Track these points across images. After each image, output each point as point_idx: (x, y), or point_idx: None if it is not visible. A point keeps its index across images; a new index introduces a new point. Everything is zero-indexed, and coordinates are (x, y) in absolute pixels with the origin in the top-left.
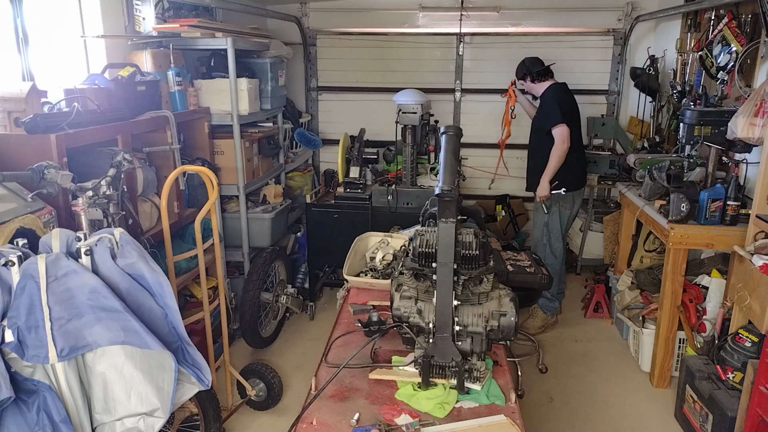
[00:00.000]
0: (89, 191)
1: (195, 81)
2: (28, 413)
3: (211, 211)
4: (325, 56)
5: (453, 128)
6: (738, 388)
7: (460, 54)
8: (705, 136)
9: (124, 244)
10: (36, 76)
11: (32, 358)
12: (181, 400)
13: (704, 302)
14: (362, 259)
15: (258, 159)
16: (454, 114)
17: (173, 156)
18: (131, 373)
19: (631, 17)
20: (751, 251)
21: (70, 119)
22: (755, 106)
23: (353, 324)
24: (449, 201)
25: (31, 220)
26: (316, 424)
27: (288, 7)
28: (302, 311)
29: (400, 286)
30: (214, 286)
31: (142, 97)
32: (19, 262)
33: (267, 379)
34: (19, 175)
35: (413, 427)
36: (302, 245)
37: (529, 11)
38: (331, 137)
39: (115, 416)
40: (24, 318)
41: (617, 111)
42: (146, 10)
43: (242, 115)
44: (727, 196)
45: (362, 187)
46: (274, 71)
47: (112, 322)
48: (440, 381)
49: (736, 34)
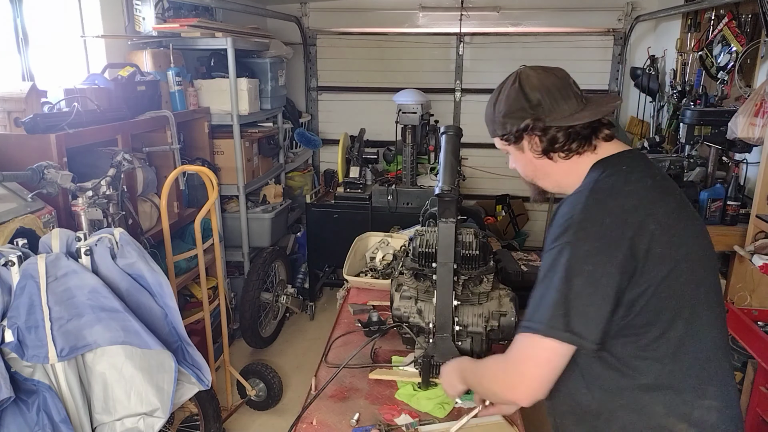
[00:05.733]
0: (89, 191)
1: (195, 81)
2: (28, 413)
3: (211, 211)
4: (325, 56)
5: (453, 128)
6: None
7: (460, 54)
8: (705, 136)
9: (124, 244)
10: (36, 76)
11: (32, 358)
12: (181, 400)
13: None
14: (362, 259)
15: (258, 159)
16: (454, 114)
17: (173, 156)
18: (131, 373)
19: (631, 17)
20: (751, 251)
21: (70, 119)
22: (755, 106)
23: (353, 324)
24: (449, 201)
25: (31, 220)
26: (316, 424)
27: (288, 7)
28: (302, 311)
29: (400, 286)
30: (214, 286)
31: (142, 97)
32: (19, 262)
33: (267, 379)
34: (19, 175)
35: (413, 427)
36: (302, 245)
37: (529, 11)
38: (331, 137)
39: (115, 416)
40: (24, 318)
41: (617, 111)
42: (146, 10)
43: (242, 115)
44: (727, 196)
45: (362, 187)
46: (274, 71)
47: (112, 322)
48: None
49: (736, 34)
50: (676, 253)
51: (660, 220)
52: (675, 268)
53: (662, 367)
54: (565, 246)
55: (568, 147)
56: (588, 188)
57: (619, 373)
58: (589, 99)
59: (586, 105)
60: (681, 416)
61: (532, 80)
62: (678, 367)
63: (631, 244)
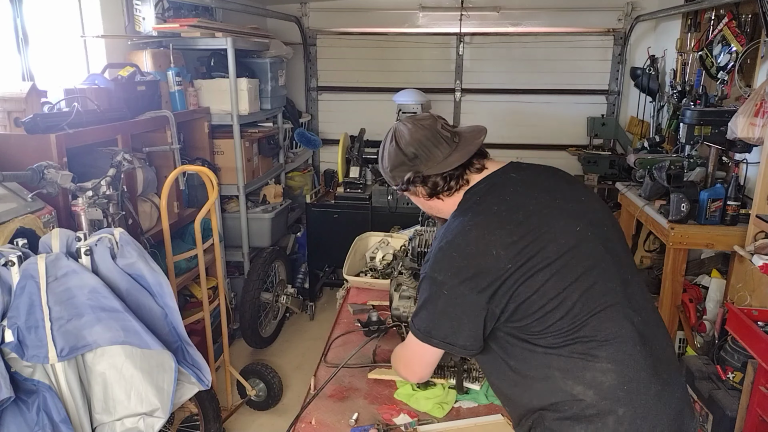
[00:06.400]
0: (89, 191)
1: (195, 81)
2: (28, 413)
3: (211, 211)
4: (325, 56)
5: None
6: (738, 388)
7: (460, 54)
8: (705, 136)
9: (124, 244)
10: (36, 76)
11: (32, 358)
12: (181, 400)
13: (704, 302)
14: (362, 259)
15: (258, 159)
16: (454, 114)
17: (173, 156)
18: (131, 373)
19: (631, 17)
20: (751, 251)
21: (70, 119)
22: (755, 106)
23: (353, 324)
24: None
25: (31, 220)
26: (315, 423)
27: (288, 7)
28: (302, 311)
29: (400, 285)
30: (214, 286)
31: (142, 97)
32: (19, 262)
33: (267, 379)
34: (19, 175)
35: (412, 426)
36: (302, 245)
37: (529, 11)
38: (331, 137)
39: (115, 416)
40: (24, 318)
41: (617, 111)
42: (146, 10)
43: (242, 115)
44: (727, 196)
45: (362, 187)
46: (274, 71)
47: (112, 322)
48: (439, 381)
49: (736, 34)
50: (542, 255)
51: (504, 242)
52: (545, 268)
53: (556, 335)
54: (426, 276)
55: (448, 187)
56: (445, 228)
57: (527, 344)
58: (460, 136)
59: (457, 145)
60: (575, 379)
61: (405, 136)
62: (571, 336)
63: (479, 269)
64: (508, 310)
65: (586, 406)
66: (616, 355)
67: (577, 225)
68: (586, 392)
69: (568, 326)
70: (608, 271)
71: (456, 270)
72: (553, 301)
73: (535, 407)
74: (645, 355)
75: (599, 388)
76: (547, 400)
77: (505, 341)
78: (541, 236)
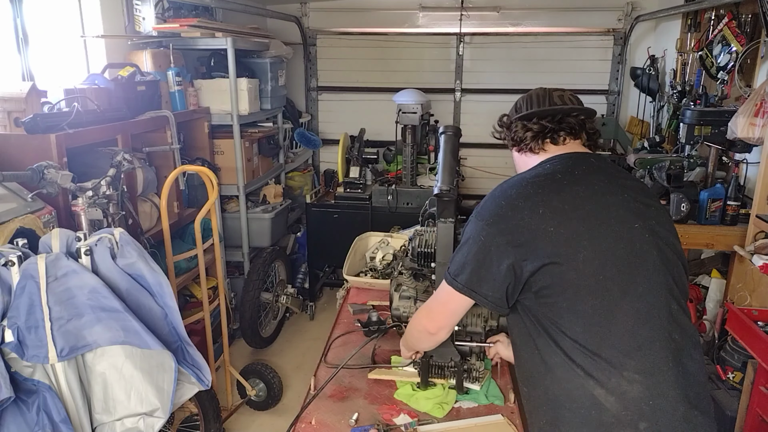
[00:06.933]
0: (89, 191)
1: (195, 81)
2: (28, 413)
3: (211, 211)
4: (325, 56)
5: (452, 128)
6: (738, 388)
7: (460, 54)
8: (705, 136)
9: (124, 244)
10: (36, 76)
11: (32, 358)
12: (181, 400)
13: (704, 302)
14: (362, 259)
15: (258, 159)
16: (454, 114)
17: (173, 156)
18: (131, 373)
19: (631, 17)
20: (751, 251)
21: (70, 119)
22: (755, 106)
23: (353, 324)
24: (448, 201)
25: (31, 220)
26: (315, 423)
27: (288, 7)
28: (302, 311)
29: (400, 286)
30: (214, 286)
31: (142, 97)
32: (19, 262)
33: (267, 379)
34: (19, 175)
35: (412, 426)
36: (302, 245)
37: (529, 11)
38: (331, 137)
39: (115, 416)
40: (24, 318)
41: (617, 111)
42: (146, 10)
43: (242, 115)
44: (727, 196)
45: (362, 187)
46: (274, 71)
47: (112, 322)
48: (439, 381)
49: (736, 34)
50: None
51: (555, 206)
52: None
53: (585, 326)
54: (472, 216)
55: (524, 139)
56: (507, 179)
57: (555, 329)
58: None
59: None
60: (598, 381)
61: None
62: (600, 334)
63: (521, 224)
64: (539, 278)
65: (604, 413)
66: (646, 366)
67: (636, 222)
68: (608, 398)
69: (599, 318)
70: (656, 279)
71: (498, 218)
72: (588, 282)
73: (553, 397)
74: (677, 373)
75: (622, 397)
76: (566, 393)
77: (535, 319)
78: (596, 216)
